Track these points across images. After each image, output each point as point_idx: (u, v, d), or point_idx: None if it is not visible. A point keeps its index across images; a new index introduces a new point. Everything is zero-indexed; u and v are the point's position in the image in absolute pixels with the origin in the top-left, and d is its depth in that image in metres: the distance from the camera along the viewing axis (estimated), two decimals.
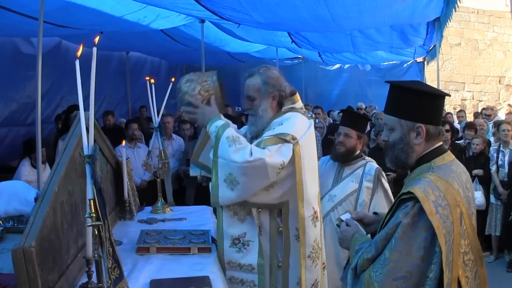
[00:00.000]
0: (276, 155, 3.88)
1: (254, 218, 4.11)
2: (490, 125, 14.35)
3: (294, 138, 4.01)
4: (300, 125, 4.18)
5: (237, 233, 4.14)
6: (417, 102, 3.09)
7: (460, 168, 3.14)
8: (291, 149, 3.97)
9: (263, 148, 3.91)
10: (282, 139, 3.97)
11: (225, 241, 4.16)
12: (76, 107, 8.15)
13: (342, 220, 3.57)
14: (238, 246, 4.13)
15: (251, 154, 3.84)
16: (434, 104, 3.11)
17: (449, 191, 2.89)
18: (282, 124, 4.12)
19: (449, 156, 3.14)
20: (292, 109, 4.31)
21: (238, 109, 15.04)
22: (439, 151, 3.11)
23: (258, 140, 4.06)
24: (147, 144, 9.26)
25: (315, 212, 4.27)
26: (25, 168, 9.24)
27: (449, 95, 3.47)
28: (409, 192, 2.89)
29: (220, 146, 3.94)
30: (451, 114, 17.09)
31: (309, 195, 4.15)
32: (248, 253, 4.13)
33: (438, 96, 3.17)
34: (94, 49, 2.56)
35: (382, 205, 5.62)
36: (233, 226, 4.14)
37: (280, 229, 4.18)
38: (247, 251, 4.13)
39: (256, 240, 4.12)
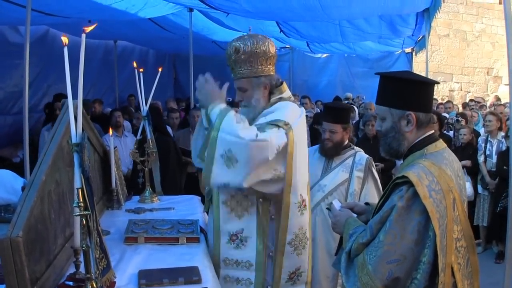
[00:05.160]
0: (275, 139, 3.81)
1: (251, 214, 4.06)
2: (481, 116, 14.43)
3: (287, 124, 3.95)
4: (292, 112, 4.13)
5: (234, 229, 4.09)
6: (406, 90, 3.16)
7: (452, 156, 3.21)
8: (284, 134, 3.90)
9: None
10: (275, 125, 3.91)
11: (222, 237, 4.11)
12: (62, 96, 8.08)
13: (332, 205, 3.60)
14: (236, 242, 4.09)
15: (257, 134, 3.77)
16: (423, 92, 3.18)
17: (442, 177, 2.94)
18: (273, 112, 4.06)
19: (441, 144, 3.20)
20: (281, 99, 4.27)
21: (229, 99, 15.07)
22: (431, 139, 3.17)
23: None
24: (135, 133, 9.23)
25: (303, 200, 4.23)
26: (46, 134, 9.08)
27: (438, 83, 3.52)
28: (403, 176, 2.93)
29: (225, 121, 3.80)
30: (442, 104, 17.09)
31: (297, 182, 4.09)
32: (246, 249, 4.09)
33: (426, 84, 3.24)
34: (83, 36, 2.53)
35: (372, 195, 5.63)
36: (230, 223, 4.09)
37: (273, 216, 4.14)
38: (245, 247, 4.09)
39: (254, 235, 4.08)
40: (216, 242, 4.14)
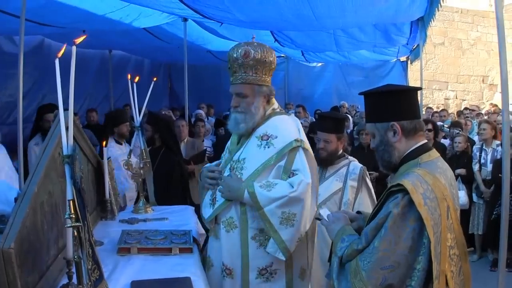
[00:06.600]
0: (304, 171, 3.93)
1: None
2: (475, 124, 14.42)
3: (297, 140, 4.05)
4: (292, 126, 4.21)
5: (263, 264, 4.06)
6: (385, 103, 3.23)
7: (445, 165, 3.22)
8: (302, 151, 4.02)
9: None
10: (292, 150, 4.02)
11: (251, 273, 4.07)
12: (47, 107, 8.04)
13: (320, 214, 3.61)
14: (265, 276, 4.07)
15: (292, 184, 3.87)
16: (402, 100, 3.22)
17: (436, 185, 2.96)
18: (276, 137, 4.10)
19: (434, 153, 3.22)
20: (274, 111, 4.32)
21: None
22: (425, 148, 3.20)
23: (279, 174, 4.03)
24: (129, 143, 9.16)
25: (318, 195, 4.35)
26: (112, 149, 8.85)
27: (419, 89, 3.55)
28: (398, 184, 2.94)
29: (259, 197, 3.87)
30: (437, 113, 17.09)
31: (314, 181, 4.11)
32: (276, 281, 4.09)
33: (403, 92, 3.29)
34: (74, 48, 2.54)
35: (365, 204, 5.63)
36: (259, 258, 4.05)
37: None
38: (274, 279, 4.09)
39: (283, 267, 4.09)
40: (245, 278, 4.09)
